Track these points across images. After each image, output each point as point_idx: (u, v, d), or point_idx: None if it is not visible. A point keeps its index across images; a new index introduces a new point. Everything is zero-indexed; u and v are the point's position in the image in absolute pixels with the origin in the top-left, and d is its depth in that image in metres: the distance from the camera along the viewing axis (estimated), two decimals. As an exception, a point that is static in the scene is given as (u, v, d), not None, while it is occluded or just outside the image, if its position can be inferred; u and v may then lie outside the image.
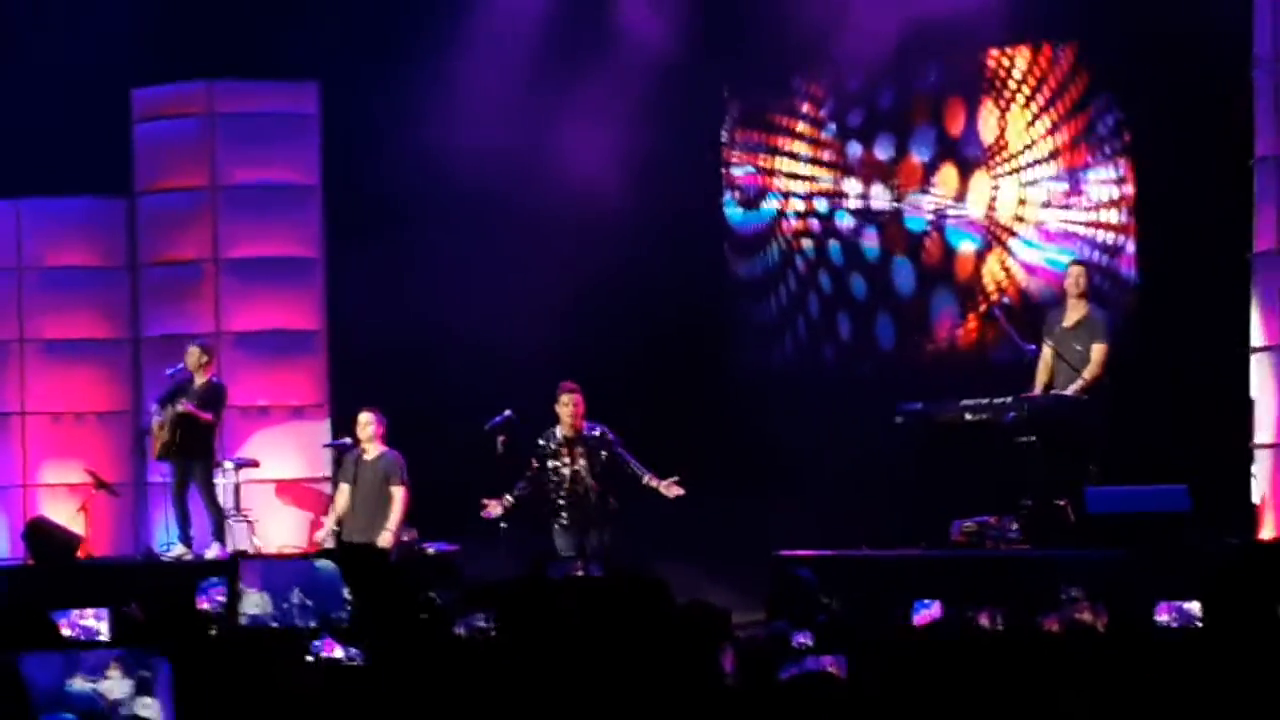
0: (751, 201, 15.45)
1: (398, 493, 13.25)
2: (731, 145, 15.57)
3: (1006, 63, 13.87)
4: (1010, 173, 13.90)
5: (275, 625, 7.51)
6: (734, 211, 15.58)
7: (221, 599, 6.52)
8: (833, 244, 15.00)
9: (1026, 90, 13.76)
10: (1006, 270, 13.96)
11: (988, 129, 13.99)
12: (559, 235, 14.63)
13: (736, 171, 15.56)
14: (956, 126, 14.21)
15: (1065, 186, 13.65)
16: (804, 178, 15.13)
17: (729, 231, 15.58)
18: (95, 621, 6.28)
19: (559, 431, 12.45)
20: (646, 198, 14.45)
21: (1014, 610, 5.88)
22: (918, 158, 14.47)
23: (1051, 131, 13.70)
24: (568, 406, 12.40)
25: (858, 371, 14.75)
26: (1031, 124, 13.77)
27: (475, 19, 14.93)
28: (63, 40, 14.95)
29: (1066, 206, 13.62)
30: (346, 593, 7.69)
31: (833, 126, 14.96)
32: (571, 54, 14.66)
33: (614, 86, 14.42)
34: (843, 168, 14.89)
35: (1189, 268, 12.59)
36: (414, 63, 14.86)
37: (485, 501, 12.37)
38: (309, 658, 5.89)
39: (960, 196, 14.20)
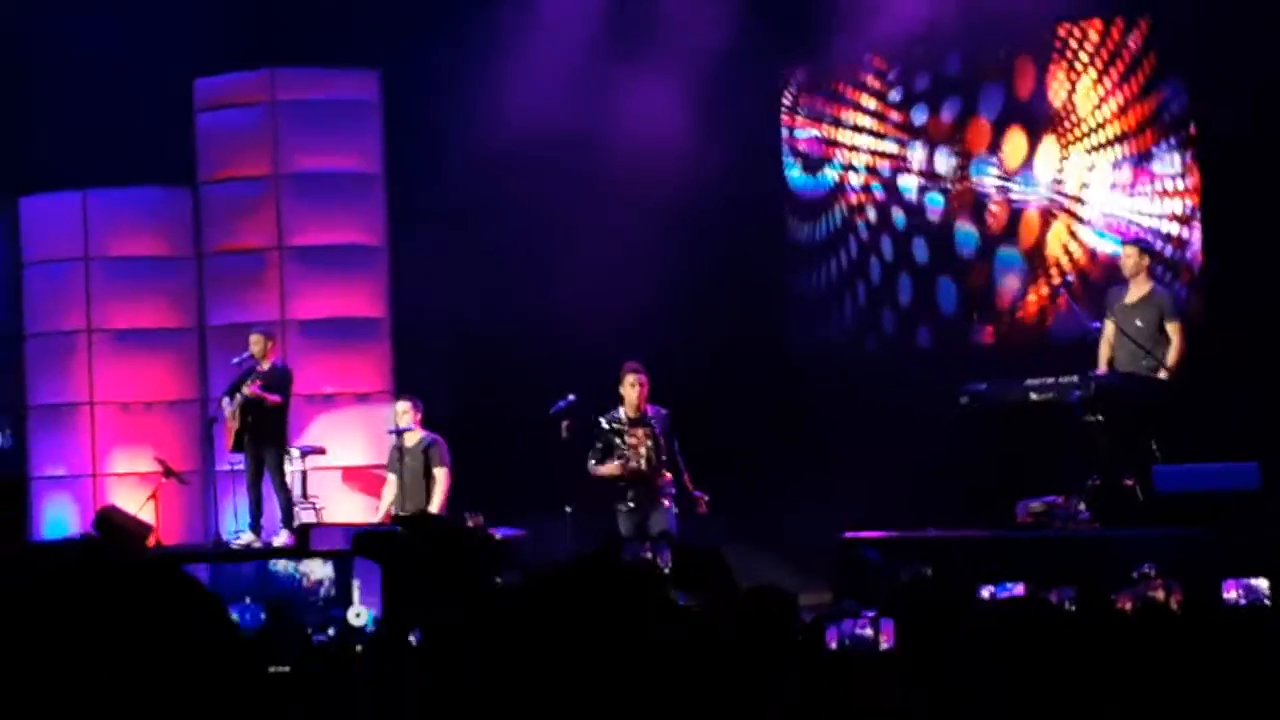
0: (814, 166, 15.38)
1: (440, 474, 13.34)
2: (795, 110, 15.49)
3: (1078, 34, 13.74)
4: (1078, 140, 13.77)
5: None
6: (796, 175, 15.51)
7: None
8: (896, 211, 14.92)
9: (1098, 66, 13.62)
10: (1074, 237, 13.84)
11: (1057, 95, 13.86)
12: (621, 218, 14.59)
13: (800, 136, 15.47)
14: (1026, 88, 14.07)
15: (1129, 173, 13.51)
16: (867, 150, 15.02)
17: (790, 196, 15.52)
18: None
19: (623, 412, 12.43)
20: (709, 174, 14.41)
21: (1085, 589, 5.83)
22: (985, 118, 14.36)
23: (1120, 113, 13.55)
24: (635, 388, 12.37)
25: (918, 341, 14.67)
26: (1102, 101, 13.63)
27: (535, 3, 14.94)
28: (126, 31, 15.03)
29: (1131, 194, 13.48)
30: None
31: (899, 92, 14.85)
32: (631, 32, 14.64)
33: (674, 63, 14.39)
34: (909, 131, 14.77)
35: (1257, 249, 12.44)
36: (474, 49, 14.89)
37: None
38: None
39: (1028, 161, 14.08)
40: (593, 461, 12.37)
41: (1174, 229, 13.24)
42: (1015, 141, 14.15)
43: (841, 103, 15.19)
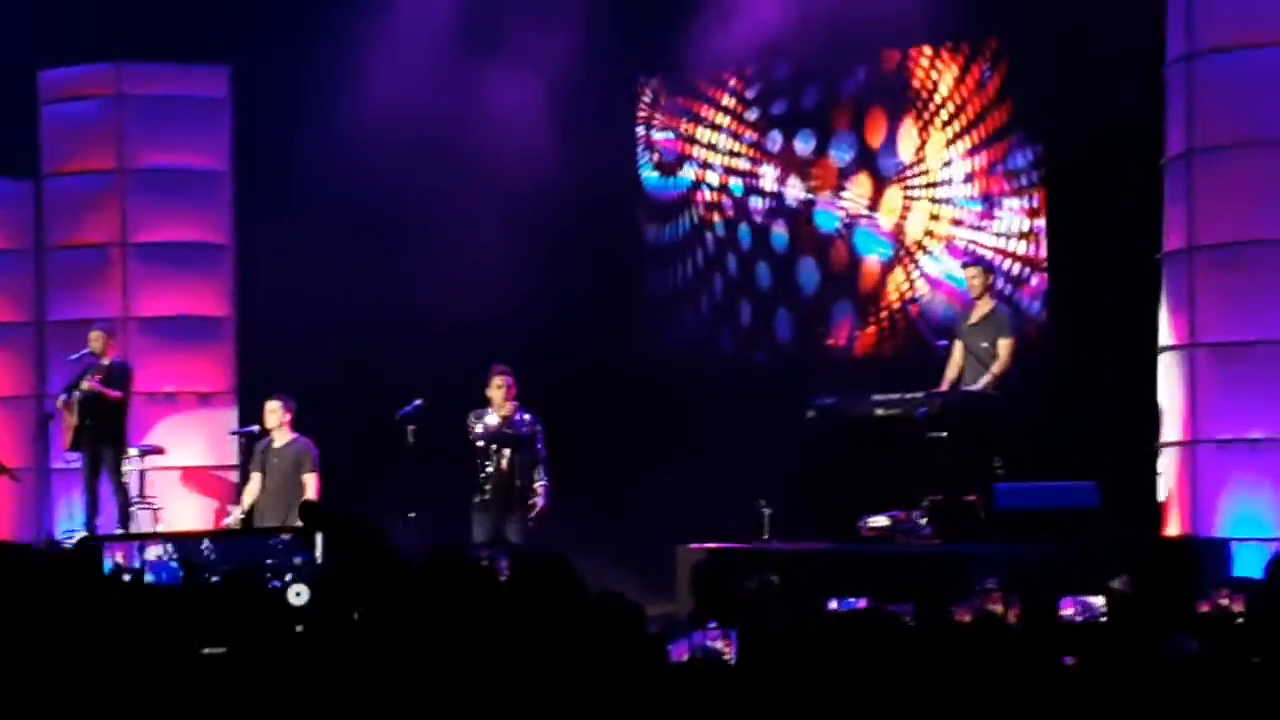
0: (669, 167, 15.41)
1: (310, 480, 13.09)
2: (655, 107, 15.51)
3: (933, 80, 13.88)
4: (924, 190, 13.96)
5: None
6: (650, 175, 15.53)
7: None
8: (743, 227, 15.03)
9: (949, 110, 13.80)
10: (911, 284, 14.03)
11: (907, 145, 14.03)
12: (475, 219, 14.52)
13: (657, 136, 15.50)
14: (876, 138, 14.23)
15: (979, 208, 13.71)
16: (723, 153, 15.10)
17: (644, 196, 15.53)
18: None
19: (489, 414, 12.32)
20: (565, 173, 14.39)
21: (925, 603, 5.88)
22: (835, 161, 14.49)
23: (970, 154, 13.74)
24: (500, 389, 12.26)
25: (755, 360, 14.76)
26: (951, 142, 13.81)
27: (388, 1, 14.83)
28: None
29: (978, 229, 13.67)
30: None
31: (756, 110, 14.95)
32: (486, 30, 14.58)
33: (530, 61, 14.34)
34: (762, 153, 14.88)
35: (1101, 271, 12.67)
36: (326, 45, 14.72)
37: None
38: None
39: (873, 206, 14.24)
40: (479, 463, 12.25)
41: (1016, 268, 13.44)
42: (862, 184, 14.31)
43: (702, 101, 15.22)
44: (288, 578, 9.18)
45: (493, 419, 12.29)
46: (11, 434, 15.32)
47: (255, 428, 13.56)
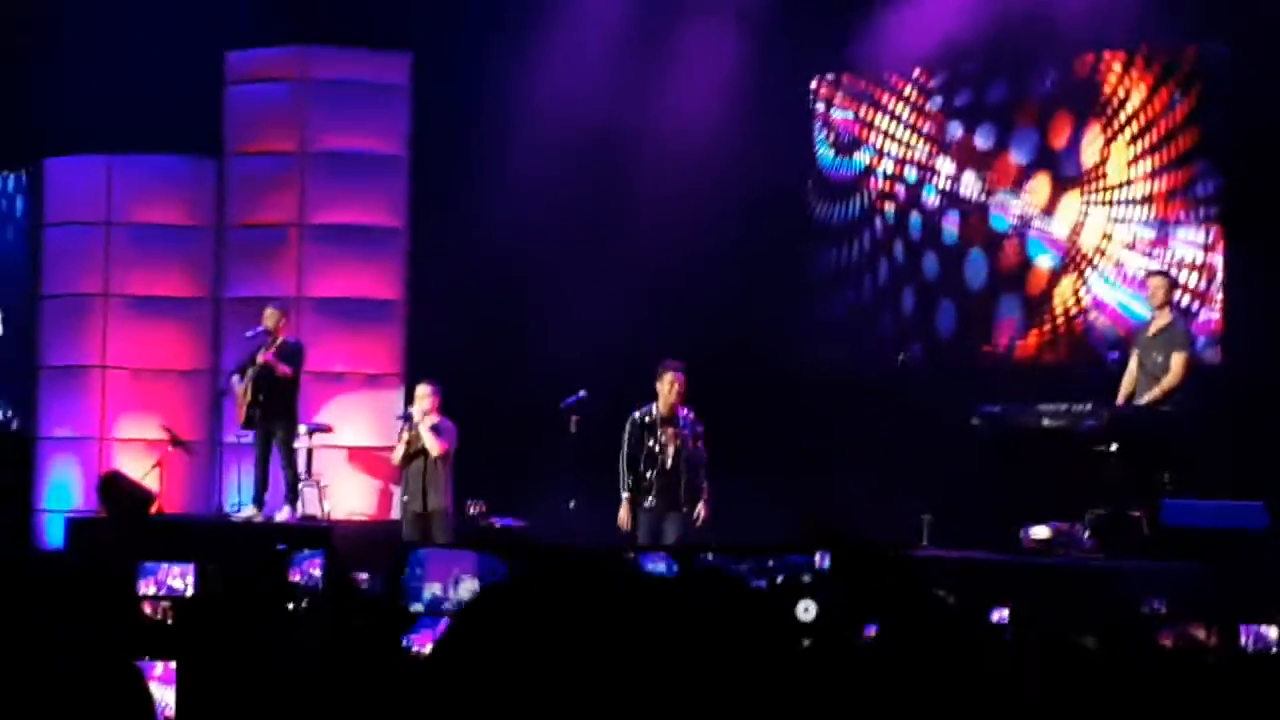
0: (845, 148, 15.34)
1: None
2: (836, 85, 15.44)
3: (1123, 93, 13.68)
4: (1103, 203, 13.77)
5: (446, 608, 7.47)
6: (825, 153, 15.47)
7: (316, 573, 6.51)
8: (914, 216, 14.91)
9: (1136, 126, 13.60)
10: (1078, 297, 13.85)
11: (1090, 152, 13.82)
12: (648, 210, 14.53)
13: (836, 115, 15.42)
14: (1060, 140, 14.04)
15: (1153, 234, 13.51)
16: (900, 140, 14.99)
17: (817, 173, 15.48)
18: (181, 581, 6.34)
19: (655, 409, 12.22)
20: (738, 156, 14.39)
21: (1104, 623, 5.81)
22: (1015, 159, 14.34)
23: (1151, 176, 13.53)
24: (672, 386, 12.12)
25: (910, 352, 14.63)
26: (1134, 162, 13.61)
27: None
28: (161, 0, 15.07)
29: (1149, 255, 13.47)
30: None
31: (939, 100, 14.83)
32: (663, 19, 14.64)
33: (707, 51, 14.38)
34: (940, 145, 14.76)
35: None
36: (505, 35, 14.89)
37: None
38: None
39: (1049, 210, 14.08)
40: (624, 454, 12.19)
41: (1200, 257, 13.23)
42: (1040, 186, 14.13)
43: (883, 87, 15.12)
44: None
45: (655, 411, 12.20)
46: (185, 407, 15.66)
47: (411, 410, 13.68)
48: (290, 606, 6.36)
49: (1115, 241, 13.69)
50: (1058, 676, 3.54)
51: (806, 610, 5.01)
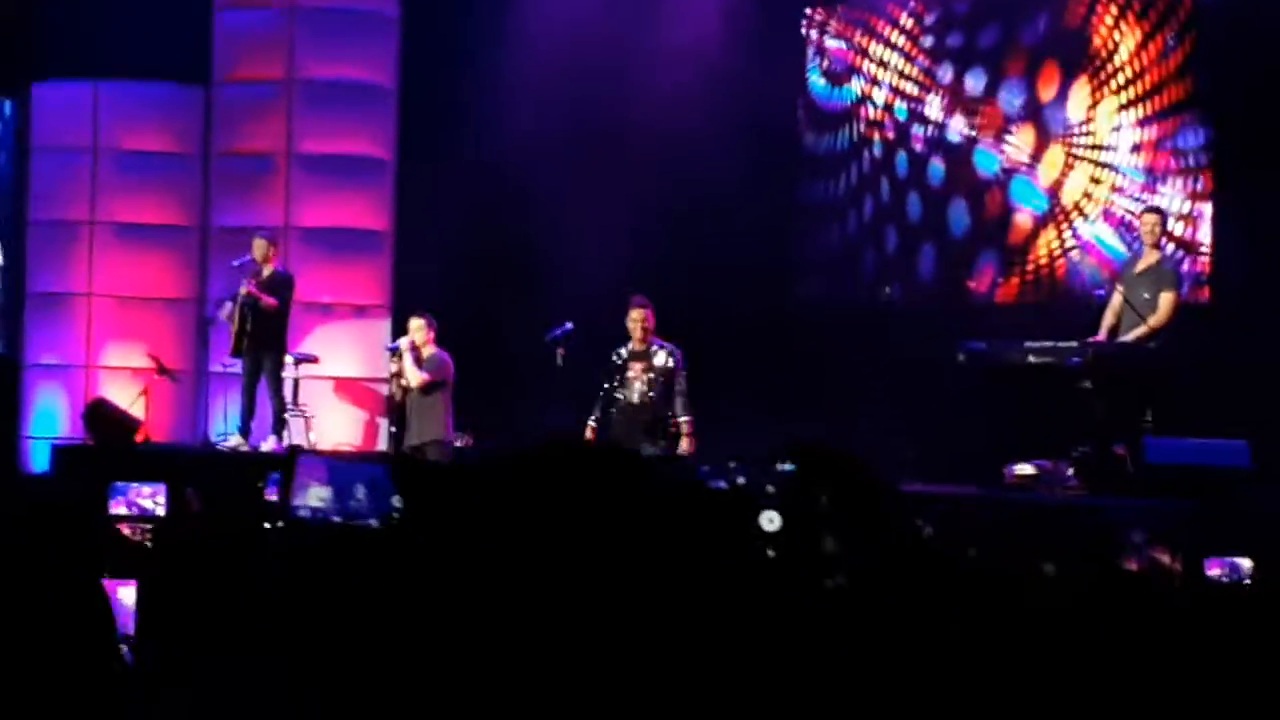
0: (838, 77, 15.27)
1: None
2: (830, 14, 15.37)
3: (1114, 42, 13.62)
4: (1088, 152, 13.73)
5: (338, 520, 7.56)
6: (818, 82, 15.41)
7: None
8: (901, 155, 14.90)
9: (1125, 76, 13.54)
10: (1062, 243, 13.84)
11: (1077, 106, 13.78)
12: (637, 141, 14.50)
13: (830, 43, 15.35)
14: (1048, 92, 13.99)
15: (1141, 180, 13.48)
16: (893, 72, 14.92)
17: (809, 102, 15.42)
18: (151, 501, 6.33)
19: (628, 345, 12.42)
20: (730, 96, 14.34)
21: (1072, 556, 5.84)
22: (1003, 105, 14.30)
23: (1140, 124, 13.48)
24: (637, 322, 12.35)
25: (893, 292, 14.64)
26: (1123, 108, 13.56)
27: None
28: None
29: (1138, 199, 13.45)
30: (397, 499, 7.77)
31: (932, 38, 14.77)
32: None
33: None
34: (931, 82, 14.71)
35: (1267, 256, 12.41)
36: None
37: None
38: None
39: (1035, 159, 14.05)
40: (595, 411, 12.35)
41: (1186, 207, 13.20)
42: (1025, 136, 14.11)
43: (879, 16, 15.06)
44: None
45: (625, 349, 12.37)
46: (172, 335, 15.63)
47: (399, 343, 13.75)
48: (267, 525, 6.37)
49: (1103, 186, 13.66)
50: (1014, 602, 3.54)
51: (771, 521, 5.00)
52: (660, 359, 12.33)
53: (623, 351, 12.41)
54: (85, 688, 2.31)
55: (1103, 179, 13.67)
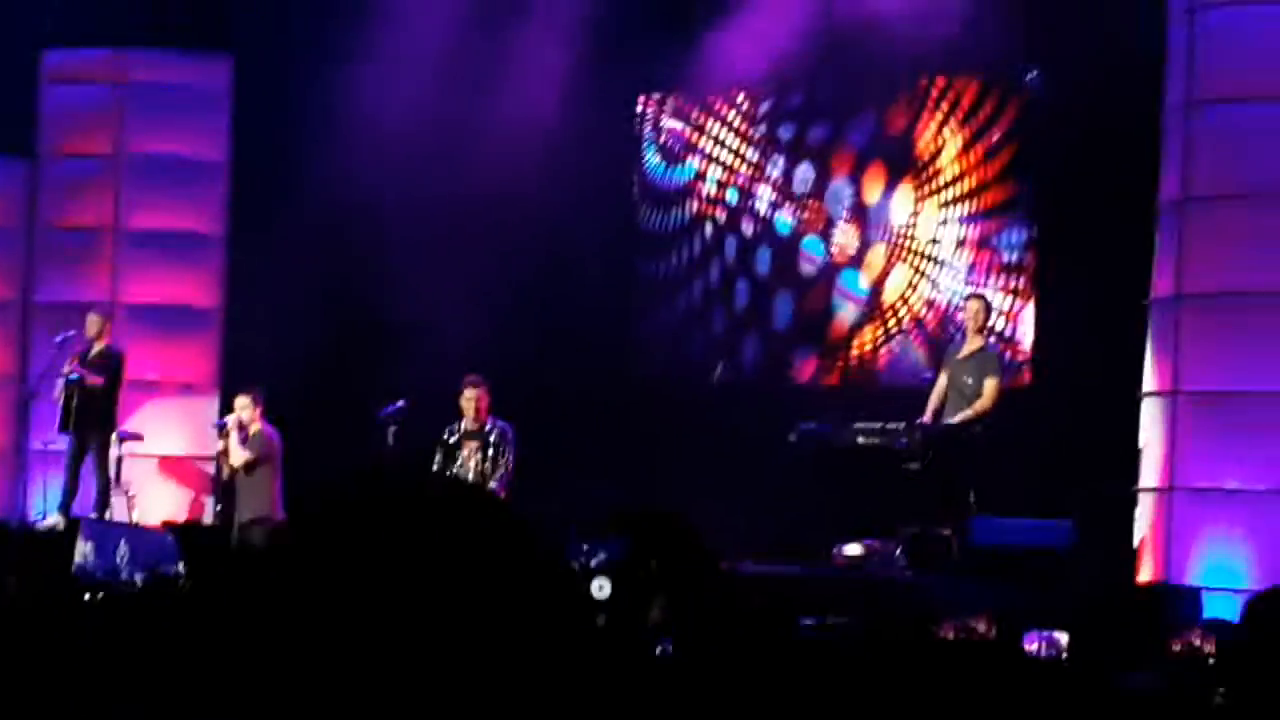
0: (674, 155, 15.37)
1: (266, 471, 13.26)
2: (662, 105, 15.48)
3: (936, 148, 13.94)
4: (913, 252, 14.03)
5: (100, 576, 7.47)
6: (654, 160, 15.49)
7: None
8: (731, 240, 15.01)
9: (948, 176, 13.88)
10: (914, 288, 14.06)
11: (901, 205, 14.12)
12: (470, 218, 14.48)
13: (667, 122, 15.45)
14: (873, 192, 14.28)
15: (965, 275, 13.79)
16: (729, 151, 15.04)
17: (644, 183, 15.50)
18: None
19: (461, 424, 12.40)
20: (561, 168, 14.39)
21: (911, 622, 5.90)
22: (829, 205, 14.48)
23: (964, 220, 13.80)
24: (470, 401, 12.34)
25: (720, 374, 14.75)
26: (945, 206, 13.90)
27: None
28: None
29: (959, 295, 13.70)
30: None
31: (763, 128, 14.94)
32: (492, 26, 14.60)
33: (529, 67, 14.36)
34: (772, 144, 14.81)
35: (1089, 315, 12.71)
36: (327, 40, 14.72)
37: None
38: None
39: (858, 258, 14.27)
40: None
41: (1008, 303, 13.49)
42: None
43: (708, 112, 15.22)
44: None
45: (461, 426, 12.38)
46: (-9, 412, 15.29)
47: (225, 420, 13.62)
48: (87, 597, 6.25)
49: (921, 290, 13.96)
50: (828, 668, 3.56)
51: (601, 589, 5.00)
52: (494, 437, 12.32)
53: (456, 428, 12.37)
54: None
55: (927, 272, 13.94)
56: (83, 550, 7.17)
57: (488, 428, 12.36)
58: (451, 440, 12.36)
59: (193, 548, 10.60)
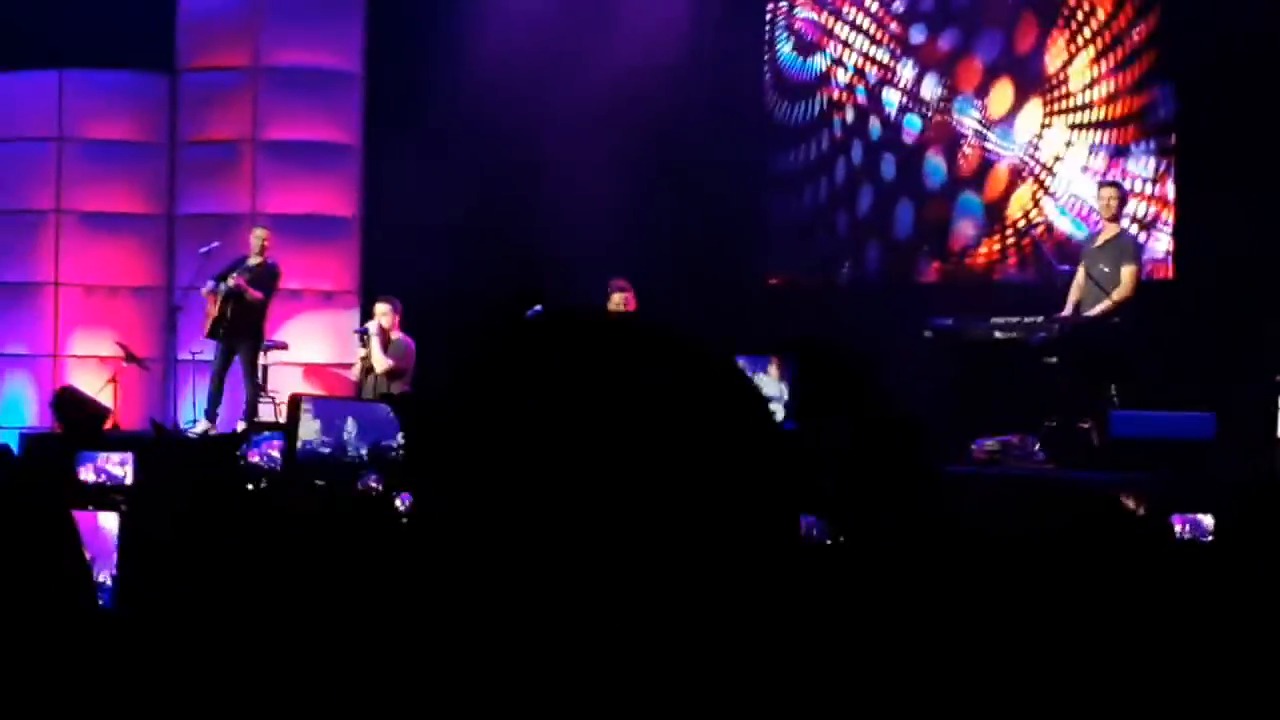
0: (807, 48, 15.24)
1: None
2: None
3: (1087, 5, 13.68)
4: (1063, 112, 13.78)
5: (328, 451, 7.61)
6: (787, 53, 15.37)
7: (274, 452, 6.62)
8: (873, 118, 14.87)
9: (1099, 45, 13.58)
10: (1037, 204, 13.89)
11: (1054, 60, 13.83)
12: (601, 124, 14.49)
13: (799, 14, 15.32)
14: (1025, 44, 14.03)
15: (1104, 161, 13.52)
16: (865, 36, 14.87)
17: (778, 73, 15.39)
18: (120, 466, 6.36)
19: None
20: (693, 77, 14.35)
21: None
22: (979, 61, 14.30)
23: (1108, 100, 13.50)
24: (618, 305, 12.44)
25: (847, 268, 14.67)
26: (1095, 82, 13.60)
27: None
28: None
29: (1102, 181, 13.49)
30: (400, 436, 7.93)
31: (903, 3, 14.76)
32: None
33: None
34: (903, 46, 14.67)
35: (1230, 226, 12.50)
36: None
37: None
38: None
39: (1010, 116, 14.08)
40: None
41: (1140, 208, 13.27)
42: (1002, 93, 14.13)
43: (838, 11, 15.05)
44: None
45: None
46: (140, 323, 15.62)
47: (367, 326, 13.87)
48: (250, 487, 6.41)
49: (1070, 162, 13.71)
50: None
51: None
52: None
53: None
54: (51, 628, 2.27)
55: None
56: (309, 429, 7.40)
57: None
58: None
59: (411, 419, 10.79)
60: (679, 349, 1.54)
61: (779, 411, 4.42)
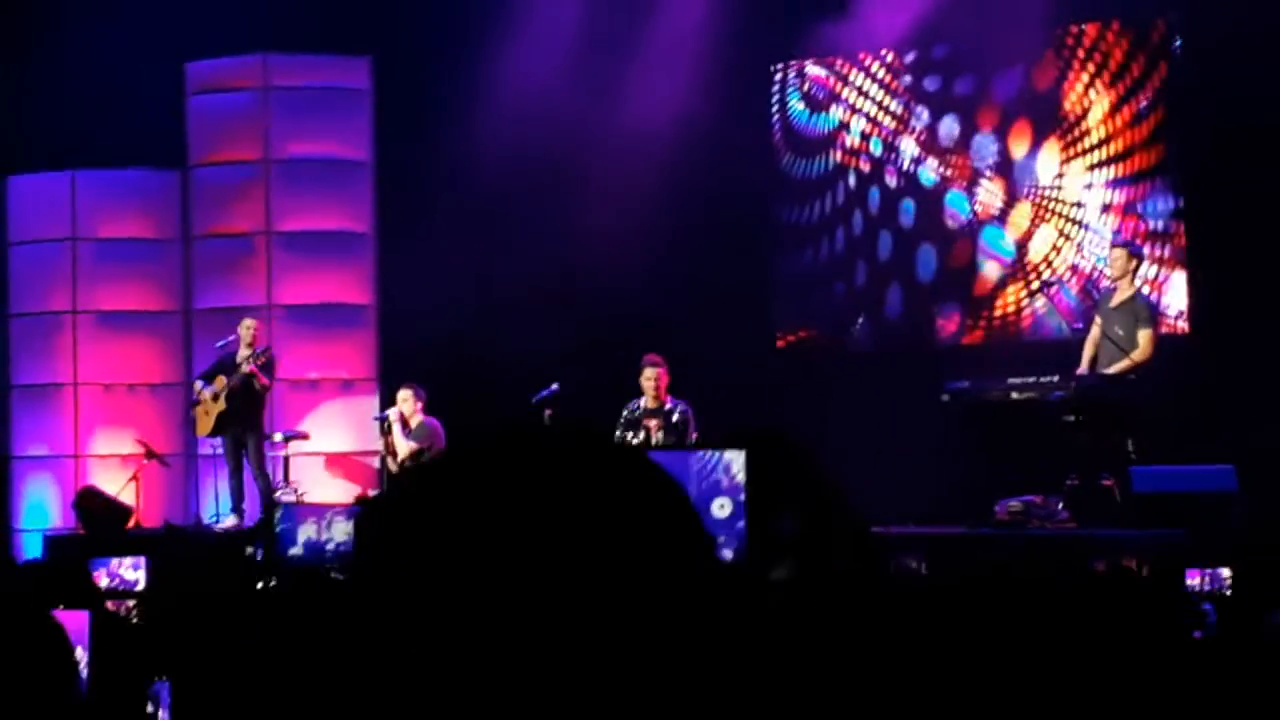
0: (818, 104, 15.21)
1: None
2: (805, 53, 15.29)
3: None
4: (1056, 212, 13.79)
5: (310, 557, 7.59)
6: (798, 107, 15.34)
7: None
8: (874, 191, 14.82)
9: (1119, 90, 13.60)
10: (1063, 242, 13.84)
11: (1047, 163, 13.82)
12: (613, 208, 14.50)
13: (810, 70, 15.28)
14: (1020, 148, 14.02)
15: (1123, 198, 13.54)
16: (872, 102, 14.88)
17: (789, 129, 15.35)
18: (133, 571, 6.34)
19: (642, 402, 12.54)
20: (700, 160, 14.38)
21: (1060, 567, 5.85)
22: (975, 159, 14.25)
23: (1110, 185, 13.56)
24: (650, 380, 12.45)
25: (858, 330, 14.63)
26: (1093, 169, 13.64)
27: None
28: (119, 12, 15.03)
29: (1121, 219, 13.48)
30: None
31: (908, 79, 14.73)
32: (625, 15, 14.66)
33: (670, 45, 14.41)
34: (916, 95, 14.57)
35: (1241, 280, 12.48)
36: (466, 37, 14.89)
37: None
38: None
39: (1004, 213, 14.06)
40: None
41: (1153, 272, 13.22)
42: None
43: (850, 61, 15.04)
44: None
45: (642, 404, 12.51)
46: (160, 420, 15.65)
47: (387, 414, 13.91)
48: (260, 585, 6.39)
49: (1066, 252, 13.72)
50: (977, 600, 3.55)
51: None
52: (676, 416, 12.43)
53: (637, 406, 12.50)
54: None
55: (1071, 235, 13.73)
56: (307, 533, 7.38)
57: (668, 406, 12.48)
58: (635, 415, 12.50)
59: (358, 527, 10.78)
60: (597, 464, 1.60)
61: (729, 508, 4.50)
